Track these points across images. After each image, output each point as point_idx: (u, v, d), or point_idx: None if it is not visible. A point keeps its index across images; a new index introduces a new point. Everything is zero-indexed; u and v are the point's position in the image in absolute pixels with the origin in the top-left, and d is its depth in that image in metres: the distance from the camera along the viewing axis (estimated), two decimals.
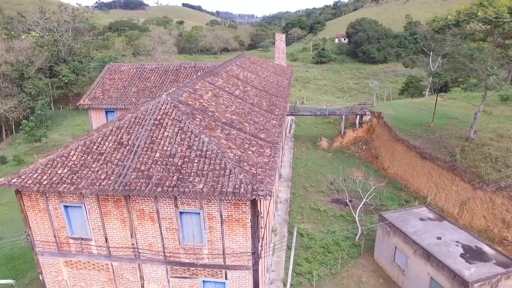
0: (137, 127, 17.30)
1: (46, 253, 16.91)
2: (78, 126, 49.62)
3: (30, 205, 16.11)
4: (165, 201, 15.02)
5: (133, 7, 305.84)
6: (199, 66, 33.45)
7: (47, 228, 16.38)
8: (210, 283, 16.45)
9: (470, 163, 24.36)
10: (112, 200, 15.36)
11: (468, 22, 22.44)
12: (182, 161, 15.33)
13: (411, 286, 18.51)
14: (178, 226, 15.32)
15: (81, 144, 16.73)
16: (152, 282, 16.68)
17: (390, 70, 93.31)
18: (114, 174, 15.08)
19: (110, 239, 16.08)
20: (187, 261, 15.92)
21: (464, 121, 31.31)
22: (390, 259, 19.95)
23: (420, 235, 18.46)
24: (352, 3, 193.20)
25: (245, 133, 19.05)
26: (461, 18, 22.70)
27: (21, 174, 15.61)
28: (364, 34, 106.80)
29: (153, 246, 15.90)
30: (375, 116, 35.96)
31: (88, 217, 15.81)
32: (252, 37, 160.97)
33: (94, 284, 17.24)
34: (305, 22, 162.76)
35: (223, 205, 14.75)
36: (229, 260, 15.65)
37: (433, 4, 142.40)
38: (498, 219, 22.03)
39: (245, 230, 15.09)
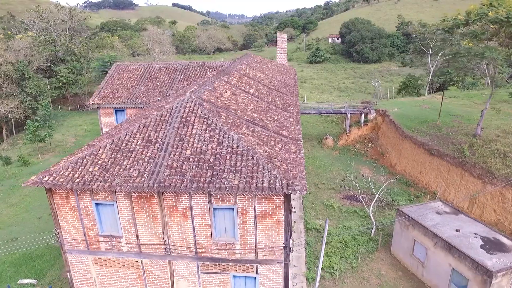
0: (164, 125, 17.46)
1: (75, 251, 16.94)
2: (80, 126, 49.24)
3: (60, 203, 16.13)
4: (199, 197, 15.23)
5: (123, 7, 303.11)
6: (207, 65, 33.62)
7: (77, 226, 16.42)
8: (241, 278, 16.72)
9: (479, 159, 25.07)
10: (145, 197, 15.50)
11: (478, 22, 23.09)
12: (213, 158, 15.56)
13: (431, 278, 19.05)
14: (212, 222, 15.54)
15: (109, 142, 16.82)
16: (182, 279, 16.86)
17: (384, 70, 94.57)
18: (146, 172, 15.22)
19: (141, 236, 16.21)
20: (218, 257, 16.15)
21: (468, 119, 32.12)
22: (408, 252, 20.47)
23: (440, 228, 19.00)
24: (344, 3, 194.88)
25: (268, 130, 19.36)
26: (472, 18, 23.36)
27: (51, 172, 15.63)
28: (358, 34, 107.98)
29: (184, 243, 16.08)
30: (380, 114, 36.60)
31: (120, 214, 15.92)
32: (245, 37, 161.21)
33: (122, 282, 17.34)
34: (298, 22, 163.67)
35: (257, 200, 15.04)
36: (261, 254, 15.94)
37: (423, 4, 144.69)
38: (509, 212, 22.75)
39: (278, 225, 15.40)
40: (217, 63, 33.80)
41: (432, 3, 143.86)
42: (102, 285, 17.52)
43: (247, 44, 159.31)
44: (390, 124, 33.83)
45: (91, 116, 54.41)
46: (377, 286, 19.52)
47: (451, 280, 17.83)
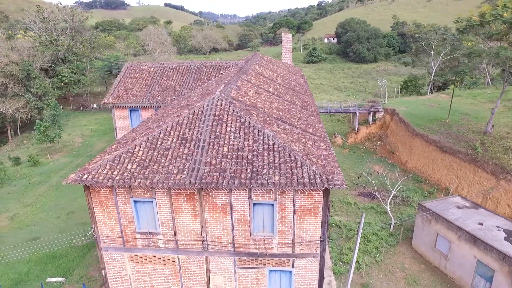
0: (198, 123, 17.73)
1: (111, 248, 17.11)
2: (85, 127, 49.08)
3: (98, 201, 16.28)
4: (239, 193, 15.55)
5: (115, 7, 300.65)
6: (220, 64, 33.88)
7: (114, 223, 16.60)
8: (276, 272, 17.08)
9: (492, 156, 25.83)
10: (185, 194, 15.76)
11: (493, 23, 23.80)
12: (251, 155, 15.88)
13: (454, 270, 19.65)
14: (251, 218, 15.87)
15: (144, 140, 17.03)
16: (218, 274, 17.16)
17: (381, 69, 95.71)
18: (186, 169, 15.48)
19: (179, 233, 16.45)
20: (256, 252, 16.48)
21: (475, 117, 32.95)
22: (430, 245, 21.05)
23: (462, 222, 19.61)
24: (337, 3, 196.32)
25: (296, 128, 19.76)
26: (486, 19, 24.06)
27: (90, 170, 15.78)
28: (354, 34, 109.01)
29: (222, 238, 16.39)
30: (388, 113, 37.26)
31: (158, 211, 16.15)
32: (240, 37, 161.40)
33: (158, 278, 17.56)
34: (292, 22, 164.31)
35: (297, 195, 15.42)
36: (298, 248, 16.33)
37: (417, 5, 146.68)
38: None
39: (315, 219, 15.80)
40: (229, 63, 34.08)
41: (426, 4, 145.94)
42: (137, 282, 17.72)
43: (242, 44, 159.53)
44: (399, 122, 34.50)
45: (95, 116, 54.24)
46: (402, 278, 20.06)
47: (476, 272, 18.44)
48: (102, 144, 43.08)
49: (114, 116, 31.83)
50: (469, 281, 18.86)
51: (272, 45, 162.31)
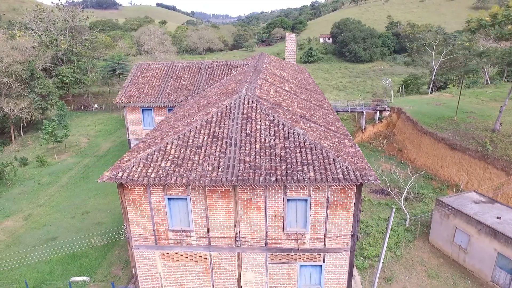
0: (227, 121, 17.96)
1: (142, 246, 17.24)
2: (89, 127, 48.82)
3: (131, 199, 16.40)
4: (274, 189, 15.83)
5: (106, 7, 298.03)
6: (231, 64, 34.09)
7: (146, 221, 16.73)
8: (307, 267, 17.40)
9: (502, 152, 26.54)
10: (220, 191, 15.99)
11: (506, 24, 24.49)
12: (284, 152, 16.18)
13: (474, 263, 20.22)
14: (284, 213, 16.17)
15: (175, 138, 17.21)
16: (250, 270, 17.41)
17: (378, 69, 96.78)
18: (221, 166, 15.70)
19: (212, 230, 16.67)
20: (288, 247, 16.79)
21: (481, 115, 33.73)
22: (449, 240, 21.60)
23: (481, 216, 20.19)
24: (331, 3, 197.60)
25: (320, 126, 20.11)
26: (499, 20, 24.74)
27: (124, 168, 15.90)
28: (350, 34, 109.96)
29: (255, 234, 16.65)
30: (395, 112, 37.89)
31: (192, 209, 16.34)
32: (234, 37, 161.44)
33: (188, 275, 17.74)
34: (287, 22, 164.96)
35: (331, 191, 15.77)
36: (329, 243, 16.68)
37: (410, 5, 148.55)
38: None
39: (347, 214, 16.17)
40: (240, 62, 34.30)
41: (419, 4, 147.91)
42: (168, 279, 17.88)
43: (237, 44, 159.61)
44: (406, 121, 35.13)
45: (98, 117, 53.95)
46: (423, 272, 20.57)
47: (496, 264, 19.02)
48: (108, 144, 42.95)
49: (126, 116, 31.82)
50: (489, 273, 19.43)
51: (267, 45, 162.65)
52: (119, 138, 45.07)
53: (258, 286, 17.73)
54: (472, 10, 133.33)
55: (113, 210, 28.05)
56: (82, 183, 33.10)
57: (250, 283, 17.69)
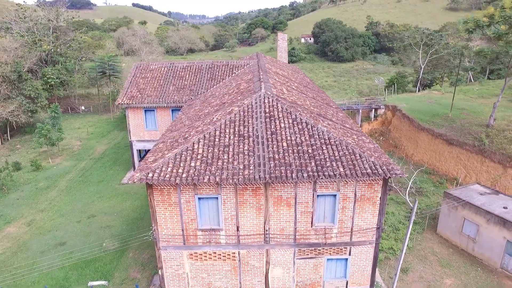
0: (250, 120, 18.17)
1: (170, 247, 17.20)
2: (79, 129, 47.70)
3: (160, 199, 16.34)
4: (304, 186, 16.17)
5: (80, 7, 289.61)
6: (232, 64, 34.20)
7: (175, 221, 16.71)
8: (333, 261, 17.83)
9: (498, 146, 27.91)
10: (251, 189, 16.18)
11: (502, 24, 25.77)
12: (311, 149, 16.55)
13: (483, 251, 21.24)
14: (314, 209, 16.54)
15: (201, 137, 17.27)
16: (278, 266, 17.68)
17: (360, 68, 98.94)
18: (251, 164, 15.91)
19: (241, 228, 16.83)
20: (315, 242, 17.17)
21: (472, 111, 35.27)
22: (457, 230, 22.59)
23: (488, 206, 21.24)
24: (310, 3, 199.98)
25: (336, 123, 20.61)
26: (495, 20, 26.01)
27: (153, 168, 15.83)
28: (332, 34, 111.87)
29: (284, 231, 16.94)
30: (389, 110, 39.02)
31: (223, 207, 16.45)
32: (215, 37, 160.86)
33: (216, 274, 17.82)
34: (268, 22, 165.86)
35: (358, 185, 16.26)
36: (355, 236, 17.18)
37: (387, 5, 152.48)
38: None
39: (374, 207, 16.71)
40: (240, 62, 34.46)
41: (396, 5, 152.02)
42: (195, 279, 17.90)
43: (218, 44, 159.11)
44: (402, 118, 36.28)
45: (87, 119, 52.76)
46: (435, 262, 21.43)
47: (505, 251, 20.07)
48: (103, 146, 42.14)
49: (128, 117, 31.37)
50: (498, 261, 20.48)
51: (248, 45, 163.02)
52: (113, 140, 44.29)
53: (285, 282, 18.03)
54: (446, 11, 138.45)
55: (120, 213, 27.65)
56: (82, 186, 32.38)
57: (277, 279, 17.96)
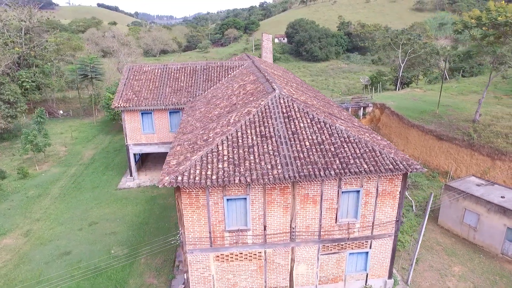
0: (269, 120, 18.41)
1: (197, 250, 17.13)
2: (62, 135, 45.95)
3: (188, 202, 16.27)
4: (330, 183, 16.62)
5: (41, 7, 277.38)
6: (226, 65, 34.22)
7: (202, 224, 16.67)
8: (354, 254, 18.41)
9: (486, 140, 29.66)
10: (279, 188, 16.44)
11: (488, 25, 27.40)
12: (333, 147, 17.04)
13: (484, 239, 22.58)
14: (338, 205, 17.02)
15: (224, 139, 17.34)
16: (302, 263, 18.03)
17: (335, 67, 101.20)
18: (278, 164, 16.17)
19: (268, 227, 17.05)
20: (339, 237, 17.67)
21: (457, 107, 37.19)
22: (458, 220, 23.87)
23: (487, 196, 22.61)
24: (280, 4, 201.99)
25: (347, 122, 21.23)
26: (483, 22, 27.62)
27: (181, 171, 15.74)
28: (306, 34, 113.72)
29: (310, 228, 17.32)
30: (377, 107, 40.39)
31: (251, 207, 16.59)
32: (188, 38, 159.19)
33: (242, 275, 17.93)
34: (240, 22, 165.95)
35: (380, 181, 16.92)
36: (376, 230, 17.84)
37: (356, 6, 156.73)
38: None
39: (393, 201, 17.45)
40: (235, 63, 34.54)
41: (365, 5, 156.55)
42: (220, 281, 17.92)
43: (191, 45, 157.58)
44: (391, 115, 37.68)
45: (69, 123, 50.90)
46: (441, 251, 22.56)
47: (506, 238, 21.47)
48: (90, 151, 40.88)
49: (124, 120, 30.68)
50: (499, 247, 21.86)
51: (221, 46, 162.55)
52: (99, 144, 43.04)
53: (308, 278, 18.43)
54: (412, 11, 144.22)
55: (122, 219, 27.04)
56: (77, 193, 31.33)
57: (302, 276, 18.33)
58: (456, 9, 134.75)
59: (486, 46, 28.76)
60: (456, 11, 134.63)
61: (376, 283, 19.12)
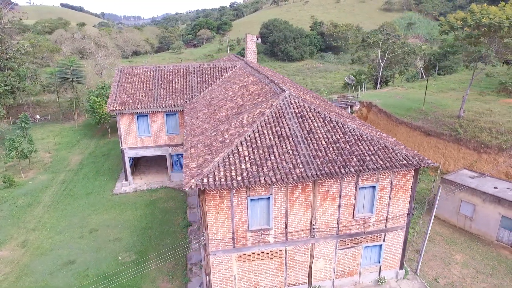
0: (284, 120, 18.75)
1: (219, 251, 17.19)
2: (44, 140, 44.21)
3: (212, 204, 16.30)
4: (348, 180, 17.18)
5: None
6: (219, 66, 34.22)
7: (226, 225, 16.76)
8: (369, 248, 19.09)
9: (472, 135, 31.38)
10: (301, 186, 16.80)
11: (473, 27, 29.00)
12: (348, 145, 17.62)
13: (479, 227, 23.99)
14: (356, 201, 17.62)
15: (242, 140, 17.51)
16: (321, 258, 18.50)
17: (311, 67, 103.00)
18: (299, 163, 16.54)
19: (290, 225, 17.38)
20: (356, 232, 18.28)
21: (440, 104, 39.01)
22: (454, 211, 25.19)
23: (482, 187, 24.03)
24: (252, 4, 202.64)
25: (353, 120, 21.90)
26: (468, 23, 29.21)
27: (206, 173, 15.76)
28: (281, 34, 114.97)
29: (329, 224, 17.81)
30: (364, 106, 41.67)
31: (274, 207, 16.86)
32: (160, 39, 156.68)
33: (263, 273, 18.15)
34: (212, 23, 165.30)
35: (394, 176, 17.66)
36: (389, 223, 18.60)
37: (327, 6, 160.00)
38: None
39: (406, 195, 18.27)
40: (228, 64, 34.62)
41: (335, 5, 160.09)
42: (242, 281, 18.07)
43: (163, 46, 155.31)
44: (379, 113, 39.02)
45: (49, 128, 49.00)
46: (441, 241, 23.75)
47: (500, 225, 22.92)
48: (77, 157, 39.61)
49: (119, 124, 30.02)
50: (494, 234, 23.30)
51: (194, 47, 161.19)
52: (85, 150, 41.76)
53: (326, 273, 18.92)
54: (381, 11, 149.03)
55: (124, 225, 26.50)
56: (70, 200, 30.33)
57: (320, 271, 18.80)
58: (422, 9, 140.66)
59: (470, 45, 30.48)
60: (422, 11, 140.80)
61: (388, 274, 19.92)
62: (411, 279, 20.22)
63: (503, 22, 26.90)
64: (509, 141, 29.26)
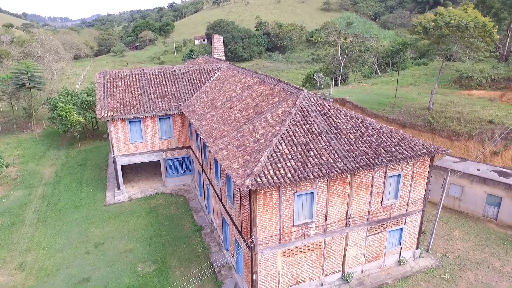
0: (310, 118, 19.55)
1: (266, 249, 17.50)
2: (2, 153, 40.12)
3: (262, 203, 16.56)
4: (379, 170, 18.48)
5: None
6: (206, 68, 33.99)
7: (274, 222, 17.12)
8: (392, 232, 20.63)
9: (444, 124, 34.80)
10: (340, 179, 17.74)
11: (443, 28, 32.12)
12: (373, 138, 18.95)
13: (467, 206, 26.92)
14: (384, 189, 18.99)
15: (279, 138, 18.00)
16: (353, 246, 19.63)
17: (262, 66, 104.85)
18: (338, 157, 17.50)
19: (329, 217, 18.25)
20: (383, 218, 19.69)
21: (407, 98, 42.47)
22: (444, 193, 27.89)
23: (467, 170, 26.98)
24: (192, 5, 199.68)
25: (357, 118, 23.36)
26: (439, 24, 32.28)
27: (257, 173, 15.95)
28: (229, 34, 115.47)
29: (361, 212, 18.99)
30: (338, 102, 43.92)
31: (317, 200, 17.59)
32: (99, 41, 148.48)
33: (304, 266, 18.80)
34: (154, 24, 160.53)
35: (415, 164, 19.35)
36: (410, 207, 20.31)
37: (269, 6, 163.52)
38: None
39: (423, 181, 20.08)
40: (213, 66, 34.50)
41: (276, 6, 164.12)
42: (285, 275, 18.55)
43: (103, 49, 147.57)
44: (354, 108, 41.42)
45: (3, 140, 44.60)
46: (439, 221, 26.15)
47: (486, 202, 25.99)
48: (49, 169, 36.73)
49: (110, 131, 28.59)
50: (480, 211, 26.33)
51: (136, 49, 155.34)
52: (56, 161, 38.83)
53: (357, 259, 20.13)
54: (321, 11, 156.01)
55: (131, 234, 25.44)
56: (59, 215, 28.23)
57: (352, 258, 19.95)
58: (358, 9, 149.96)
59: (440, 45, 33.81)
60: (358, 12, 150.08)
61: (407, 254, 21.69)
62: (425, 257, 22.22)
63: (469, 23, 30.42)
64: (476, 129, 33.00)
